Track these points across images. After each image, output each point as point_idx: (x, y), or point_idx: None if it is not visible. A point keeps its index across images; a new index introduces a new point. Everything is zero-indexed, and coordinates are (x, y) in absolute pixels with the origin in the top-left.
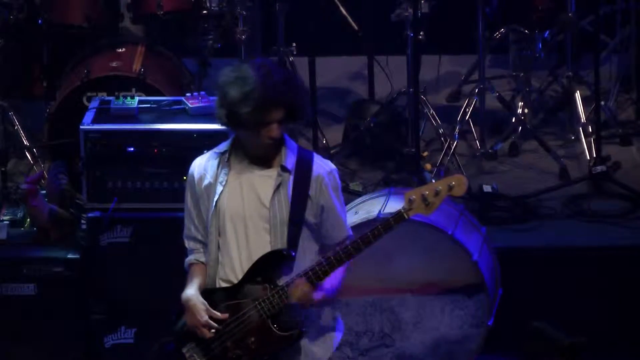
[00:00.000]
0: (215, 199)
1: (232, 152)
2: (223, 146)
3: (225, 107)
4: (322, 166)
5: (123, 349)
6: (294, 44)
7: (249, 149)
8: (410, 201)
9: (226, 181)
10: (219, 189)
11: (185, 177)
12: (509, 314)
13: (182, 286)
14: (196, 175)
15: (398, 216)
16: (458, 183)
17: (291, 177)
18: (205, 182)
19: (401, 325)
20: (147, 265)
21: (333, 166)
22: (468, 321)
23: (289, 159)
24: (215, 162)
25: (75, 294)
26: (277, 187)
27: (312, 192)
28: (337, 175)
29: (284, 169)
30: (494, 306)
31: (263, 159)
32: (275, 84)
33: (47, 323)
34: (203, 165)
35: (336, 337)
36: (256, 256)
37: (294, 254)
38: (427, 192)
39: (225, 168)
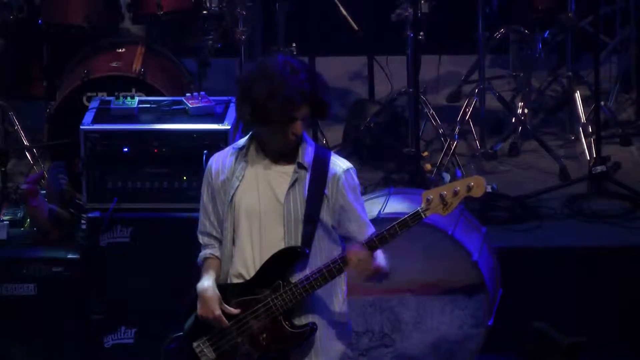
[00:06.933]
0: (232, 193)
1: (251, 147)
2: (242, 142)
3: (249, 103)
4: (339, 165)
5: (123, 349)
6: (294, 44)
7: (270, 146)
8: (427, 201)
9: (243, 176)
10: (236, 183)
11: (185, 177)
12: (509, 314)
13: (183, 286)
14: (213, 170)
15: (415, 215)
16: (477, 184)
17: (308, 175)
18: (222, 177)
19: (401, 325)
20: (147, 265)
21: (350, 165)
22: (468, 321)
23: (307, 157)
24: (233, 157)
25: (75, 294)
26: (293, 184)
27: (328, 191)
28: (354, 174)
29: (300, 166)
30: (494, 306)
31: (281, 156)
32: (301, 80)
33: (47, 323)
34: (221, 160)
35: (346, 338)
36: (269, 253)
37: (308, 251)
38: (446, 192)
39: (243, 163)
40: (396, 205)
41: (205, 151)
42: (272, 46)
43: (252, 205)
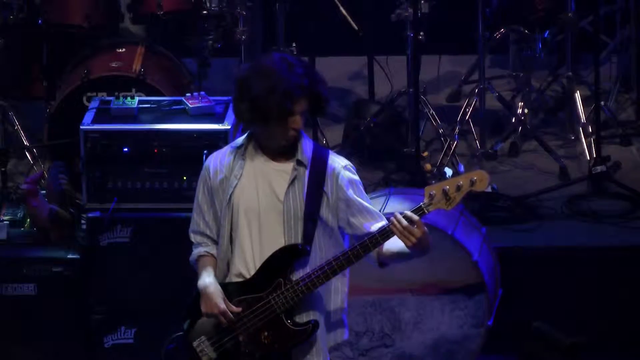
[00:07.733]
0: (230, 192)
1: (249, 146)
2: (240, 140)
3: (248, 101)
4: (338, 162)
5: (123, 349)
6: (294, 44)
7: (269, 143)
8: (430, 196)
9: (241, 175)
10: (234, 182)
11: (185, 177)
12: (509, 314)
13: (183, 286)
14: (211, 170)
15: (418, 211)
16: (480, 178)
17: (306, 172)
18: (221, 175)
19: (401, 325)
20: (147, 265)
21: (348, 162)
22: (468, 321)
23: (305, 154)
24: (231, 156)
25: (75, 294)
26: (292, 182)
27: (327, 188)
28: (353, 170)
29: (299, 163)
30: (494, 306)
31: (279, 154)
32: (299, 75)
33: (47, 323)
34: (219, 160)
35: (344, 335)
36: (269, 251)
37: (309, 248)
38: (448, 187)
39: (241, 161)
40: (396, 205)
41: (205, 151)
42: (272, 46)
43: (251, 203)
